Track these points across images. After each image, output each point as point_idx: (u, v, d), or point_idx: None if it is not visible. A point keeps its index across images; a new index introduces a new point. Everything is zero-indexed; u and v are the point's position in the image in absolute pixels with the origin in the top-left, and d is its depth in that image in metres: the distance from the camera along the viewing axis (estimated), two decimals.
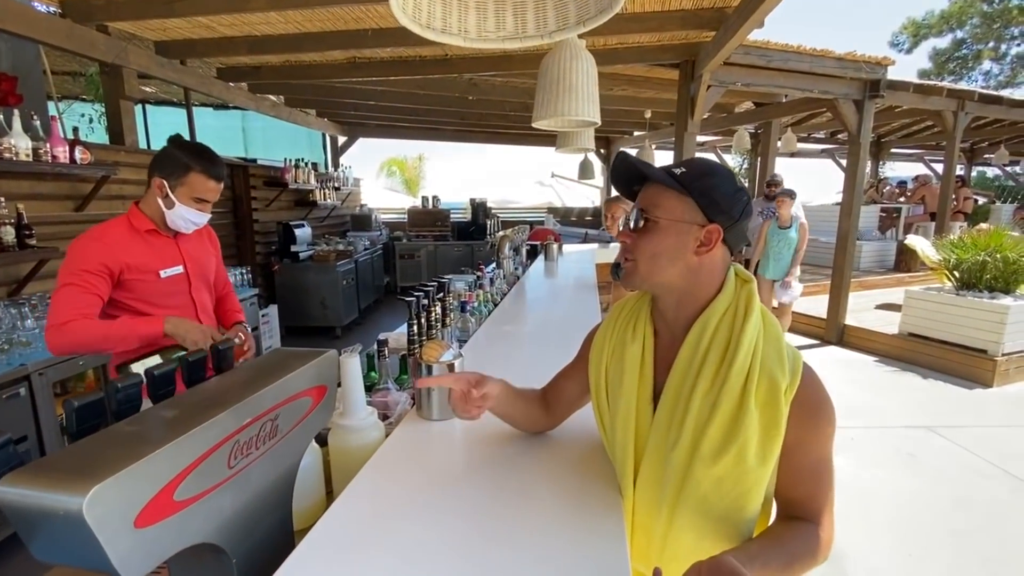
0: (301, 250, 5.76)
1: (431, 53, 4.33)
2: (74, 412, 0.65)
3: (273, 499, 0.82)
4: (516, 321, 2.23)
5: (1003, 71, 19.96)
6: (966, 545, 2.28)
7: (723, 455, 0.76)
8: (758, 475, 0.77)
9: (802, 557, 0.76)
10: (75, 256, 1.46)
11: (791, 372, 0.77)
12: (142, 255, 1.55)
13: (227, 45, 3.88)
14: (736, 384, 0.76)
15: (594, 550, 0.76)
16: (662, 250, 0.81)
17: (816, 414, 0.77)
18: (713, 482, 0.78)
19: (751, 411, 0.75)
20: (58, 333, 1.39)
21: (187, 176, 1.54)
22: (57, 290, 1.43)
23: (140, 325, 1.49)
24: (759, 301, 0.82)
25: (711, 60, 3.74)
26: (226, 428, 0.68)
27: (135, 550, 0.56)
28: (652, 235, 0.82)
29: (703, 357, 0.80)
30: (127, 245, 1.53)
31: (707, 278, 0.82)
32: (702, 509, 0.79)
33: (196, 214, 1.59)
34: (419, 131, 8.41)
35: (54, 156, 2.72)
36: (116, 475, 0.53)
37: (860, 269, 7.55)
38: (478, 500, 0.89)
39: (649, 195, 0.84)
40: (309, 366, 0.87)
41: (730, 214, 0.79)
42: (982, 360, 4.18)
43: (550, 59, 1.72)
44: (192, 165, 1.53)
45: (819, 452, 0.78)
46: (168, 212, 1.56)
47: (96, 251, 1.47)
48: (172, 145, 1.56)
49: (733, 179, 0.83)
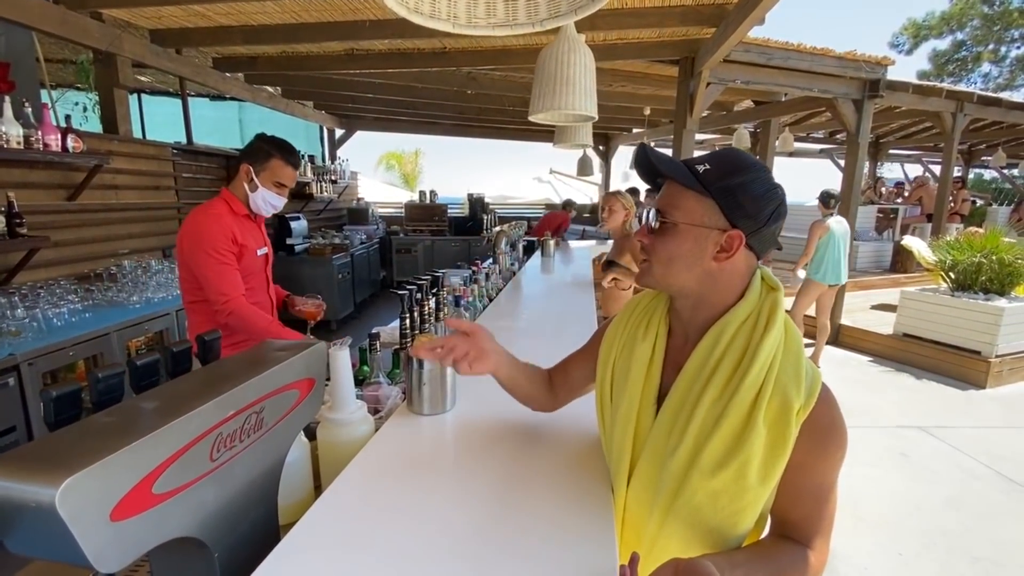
0: (297, 243, 5.73)
1: (429, 46, 4.30)
2: (51, 402, 0.63)
3: (258, 493, 0.80)
4: (510, 316, 2.22)
5: (1002, 73, 20.01)
6: (956, 545, 2.28)
7: (723, 469, 0.73)
8: (757, 494, 0.73)
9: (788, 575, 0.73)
10: (205, 233, 1.67)
11: (807, 392, 0.72)
12: (245, 234, 1.79)
13: (223, 34, 3.84)
14: (746, 398, 0.72)
15: (583, 548, 0.75)
16: (679, 255, 0.77)
17: (826, 439, 0.73)
18: (709, 495, 0.74)
19: (759, 428, 0.71)
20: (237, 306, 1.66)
21: (269, 162, 1.78)
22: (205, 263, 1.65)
23: (286, 334, 1.74)
24: (784, 312, 0.78)
25: (711, 57, 3.72)
26: (208, 420, 0.66)
27: (111, 543, 0.55)
28: (669, 238, 0.77)
29: (715, 365, 0.76)
30: (236, 224, 1.76)
31: (727, 284, 0.78)
32: (694, 520, 0.76)
33: (276, 197, 1.83)
34: (417, 125, 8.37)
35: (46, 144, 2.68)
36: (91, 466, 0.52)
37: (856, 269, 7.57)
38: (467, 494, 0.88)
39: (669, 194, 0.78)
40: (296, 358, 0.85)
41: (756, 218, 0.73)
42: (976, 361, 4.20)
43: (548, 52, 1.70)
44: (273, 153, 1.78)
45: (823, 477, 0.74)
46: (252, 195, 1.80)
47: (223, 228, 1.70)
48: (258, 139, 1.81)
49: (765, 177, 0.75)
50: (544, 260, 3.98)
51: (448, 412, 1.20)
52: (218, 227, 1.70)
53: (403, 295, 1.50)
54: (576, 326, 2.05)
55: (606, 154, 9.49)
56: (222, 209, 1.77)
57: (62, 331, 2.49)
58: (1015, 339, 4.20)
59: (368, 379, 1.37)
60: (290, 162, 1.82)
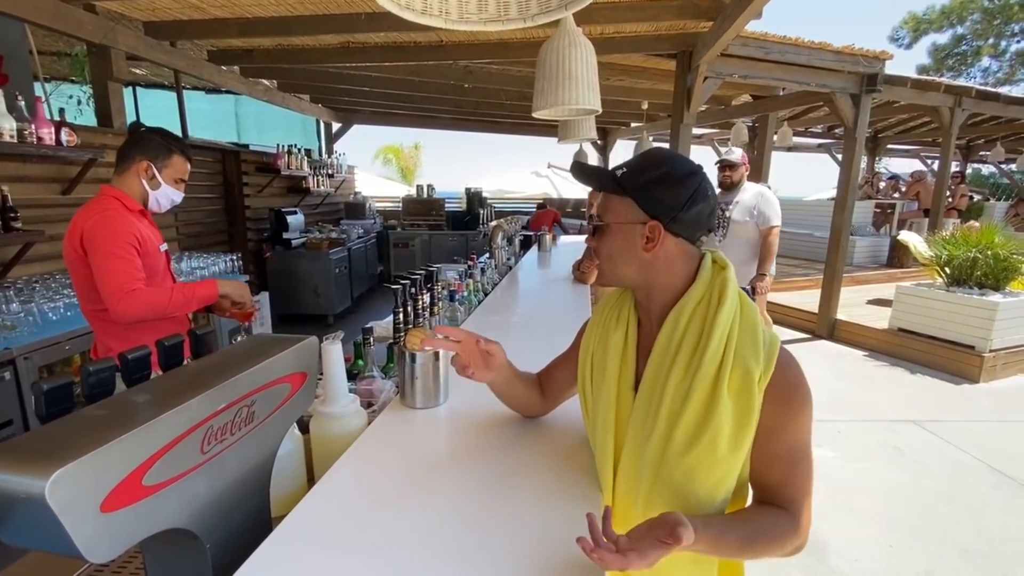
0: (293, 237, 5.72)
1: (425, 39, 4.28)
2: (43, 395, 0.64)
3: (250, 486, 0.81)
4: (506, 311, 2.22)
5: (1001, 68, 19.97)
6: (947, 537, 2.31)
7: (695, 445, 0.76)
8: (730, 463, 0.76)
9: (766, 536, 0.74)
10: (108, 231, 1.55)
11: (766, 359, 0.75)
12: (146, 231, 1.67)
13: (218, 27, 3.81)
14: (708, 372, 0.76)
15: (571, 538, 0.76)
16: (615, 251, 0.85)
17: (791, 400, 0.76)
18: (685, 472, 0.77)
19: (724, 400, 0.75)
20: (129, 298, 1.50)
21: (171, 158, 1.68)
22: (105, 261, 1.52)
23: (198, 288, 1.64)
24: (736, 287, 0.81)
25: (708, 51, 3.71)
26: (199, 413, 0.67)
27: (102, 534, 0.56)
28: (605, 238, 0.86)
29: (677, 346, 0.80)
30: (135, 221, 1.63)
31: (667, 270, 0.83)
32: (675, 498, 0.79)
33: (177, 193, 1.74)
34: (414, 119, 8.32)
35: (39, 138, 2.67)
36: (81, 458, 0.53)
37: (853, 264, 7.59)
38: (458, 486, 0.89)
39: (602, 200, 0.88)
40: (288, 352, 0.86)
41: (673, 206, 0.79)
42: (970, 356, 4.22)
43: (548, 47, 1.69)
44: (174, 148, 1.68)
45: (794, 438, 0.77)
46: (153, 192, 1.68)
47: (124, 225, 1.58)
48: (151, 132, 1.69)
49: (679, 168, 0.81)
50: (541, 255, 3.99)
51: (441, 406, 1.21)
52: (123, 225, 1.57)
53: (397, 289, 1.50)
54: (571, 320, 2.06)
55: (604, 148, 9.47)
56: (119, 207, 1.61)
57: (57, 325, 2.49)
58: (1009, 334, 4.22)
59: (362, 373, 1.38)
60: (188, 156, 1.74)
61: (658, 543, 0.63)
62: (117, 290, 1.50)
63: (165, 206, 1.74)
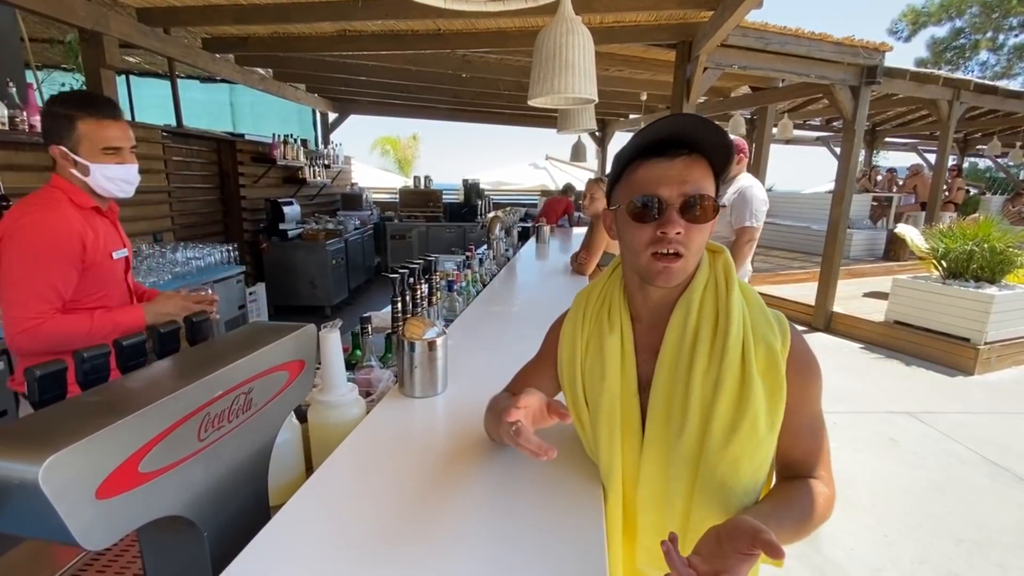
0: (290, 228, 5.69)
1: (423, 27, 4.22)
2: (35, 381, 0.63)
3: (247, 474, 0.80)
4: (504, 302, 2.21)
5: (1000, 62, 19.95)
6: (941, 528, 2.33)
7: (736, 432, 0.72)
8: (769, 444, 0.75)
9: (813, 514, 0.72)
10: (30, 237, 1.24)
11: (781, 333, 0.75)
12: (98, 234, 1.37)
13: (212, 13, 3.76)
14: (735, 356, 0.73)
15: (571, 529, 0.76)
16: (705, 240, 0.76)
17: (808, 370, 0.76)
18: (729, 463, 0.73)
19: (755, 381, 0.72)
20: (32, 337, 1.23)
21: (76, 128, 1.30)
22: (14, 284, 1.24)
23: (120, 315, 1.36)
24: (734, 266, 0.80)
25: (708, 41, 3.68)
26: (195, 400, 0.66)
27: (97, 521, 0.55)
28: (707, 225, 0.73)
29: (694, 335, 0.76)
30: (88, 225, 1.35)
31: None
32: (721, 491, 0.74)
33: (119, 168, 1.36)
34: (412, 109, 8.25)
35: (31, 126, 2.64)
36: (75, 444, 0.52)
37: (850, 257, 7.60)
38: (456, 475, 0.89)
39: (700, 174, 0.72)
40: (285, 340, 0.85)
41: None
42: (965, 348, 4.24)
43: (545, 34, 1.67)
44: (75, 114, 1.30)
45: (812, 407, 0.76)
46: (89, 179, 1.34)
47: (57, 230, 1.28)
48: (49, 106, 1.33)
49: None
50: (539, 246, 3.97)
51: (440, 395, 1.20)
52: (55, 230, 1.27)
53: (395, 279, 1.49)
54: None
55: (602, 140, 9.42)
56: (64, 205, 1.32)
57: None
58: (1004, 327, 4.24)
59: (360, 363, 1.37)
60: (104, 115, 1.33)
61: (743, 556, 0.56)
62: (17, 319, 1.23)
63: (115, 191, 1.38)
